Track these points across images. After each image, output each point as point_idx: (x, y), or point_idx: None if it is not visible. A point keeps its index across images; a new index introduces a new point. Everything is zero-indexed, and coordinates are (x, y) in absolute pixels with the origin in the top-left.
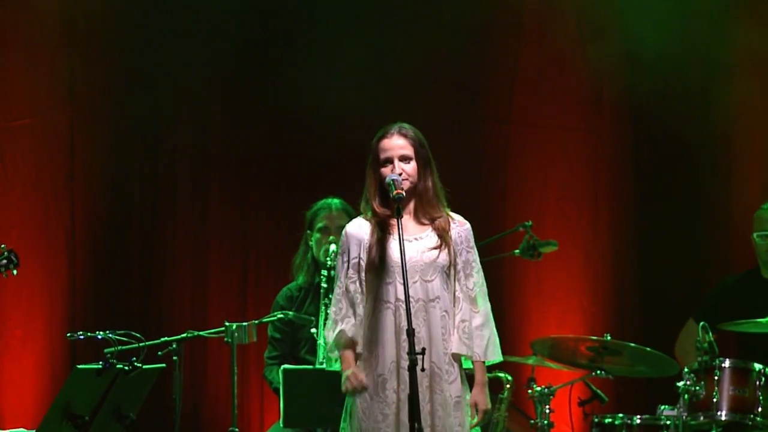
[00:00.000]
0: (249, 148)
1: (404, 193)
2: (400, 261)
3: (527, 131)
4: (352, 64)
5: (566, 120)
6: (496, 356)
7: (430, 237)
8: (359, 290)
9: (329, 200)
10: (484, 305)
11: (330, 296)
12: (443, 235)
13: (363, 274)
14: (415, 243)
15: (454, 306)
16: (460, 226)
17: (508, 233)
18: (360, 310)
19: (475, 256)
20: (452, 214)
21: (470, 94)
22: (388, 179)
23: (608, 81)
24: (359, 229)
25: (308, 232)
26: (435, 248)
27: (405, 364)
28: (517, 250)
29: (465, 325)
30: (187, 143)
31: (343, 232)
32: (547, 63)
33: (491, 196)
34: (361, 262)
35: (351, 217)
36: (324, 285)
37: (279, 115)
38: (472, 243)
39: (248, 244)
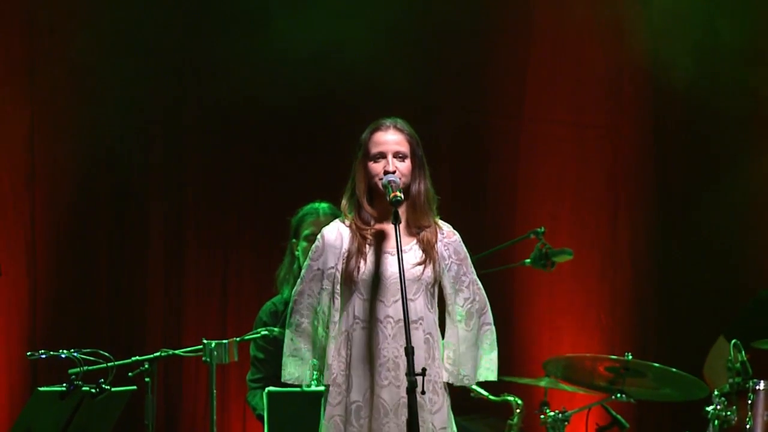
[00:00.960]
0: (227, 143)
1: (402, 196)
2: (386, 275)
3: (539, 128)
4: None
5: (582, 116)
6: (488, 374)
7: (414, 251)
8: (335, 305)
9: (316, 205)
10: (480, 322)
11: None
12: (428, 250)
13: (338, 287)
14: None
15: (439, 327)
16: (447, 238)
17: (517, 241)
18: (334, 329)
19: (466, 268)
20: (441, 223)
21: (476, 86)
22: (384, 180)
23: (629, 72)
24: (338, 234)
25: (294, 240)
26: (419, 264)
27: (380, 391)
28: (528, 260)
29: (452, 349)
30: (159, 139)
31: (319, 237)
32: (562, 53)
33: (499, 199)
34: (337, 273)
35: None
36: None
37: (256, 102)
38: (463, 254)
39: (229, 252)
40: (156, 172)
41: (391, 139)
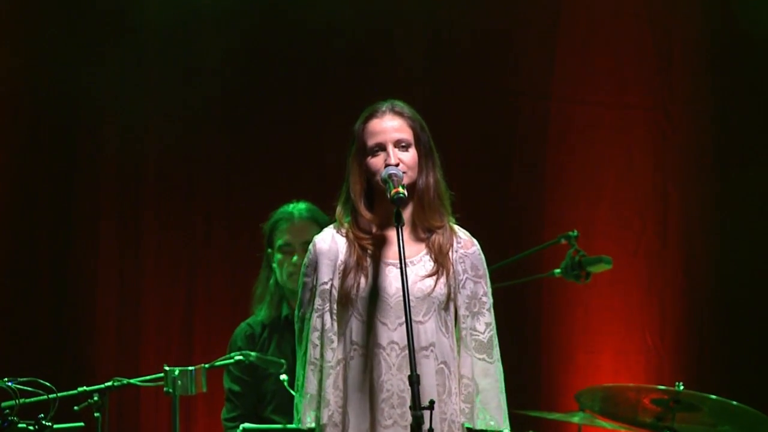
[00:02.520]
0: (192, 133)
1: (406, 193)
2: (390, 291)
3: (573, 110)
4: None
5: (624, 95)
6: (503, 424)
7: (424, 261)
8: (331, 328)
9: (291, 207)
10: (498, 355)
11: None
12: (441, 258)
13: (334, 306)
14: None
15: (455, 356)
16: (464, 249)
17: (546, 246)
18: (330, 357)
19: (486, 288)
20: (457, 228)
21: (499, 62)
22: (384, 173)
23: (680, 43)
24: (332, 244)
25: (269, 250)
26: (430, 275)
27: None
28: (558, 270)
29: (467, 383)
30: (112, 134)
31: (311, 248)
32: (598, 20)
33: (525, 196)
34: (333, 290)
35: (322, 227)
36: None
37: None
38: (483, 271)
39: (195, 263)
40: (107, 170)
41: (389, 125)
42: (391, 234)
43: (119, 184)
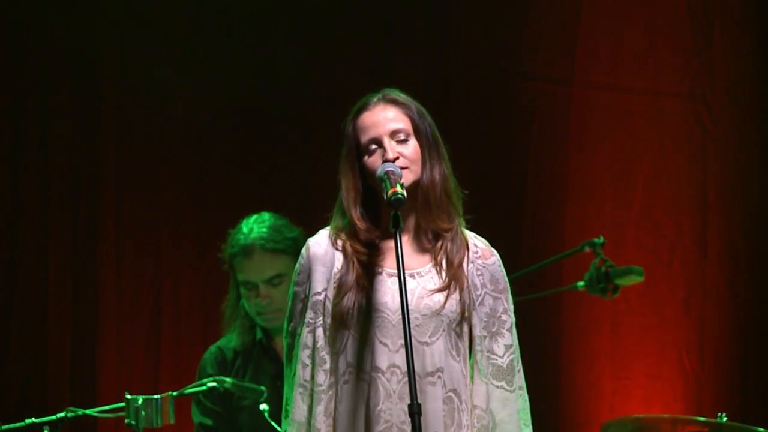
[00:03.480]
0: (156, 124)
1: (405, 193)
2: (392, 308)
3: (597, 97)
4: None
5: (657, 80)
6: None
7: (433, 272)
8: (324, 346)
9: (246, 232)
10: (521, 382)
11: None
12: (453, 270)
13: (327, 320)
14: (408, 281)
15: (468, 383)
16: (483, 259)
17: (566, 255)
18: (322, 379)
19: (507, 304)
20: (471, 234)
21: (513, 42)
22: (380, 171)
23: (721, 19)
24: (329, 248)
25: (232, 272)
26: (440, 290)
27: None
28: (582, 282)
29: (481, 414)
30: (64, 126)
31: (303, 252)
32: None
33: (543, 196)
34: (327, 301)
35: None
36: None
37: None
38: (504, 285)
39: (160, 275)
40: (58, 166)
41: (382, 116)
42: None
43: (73, 178)
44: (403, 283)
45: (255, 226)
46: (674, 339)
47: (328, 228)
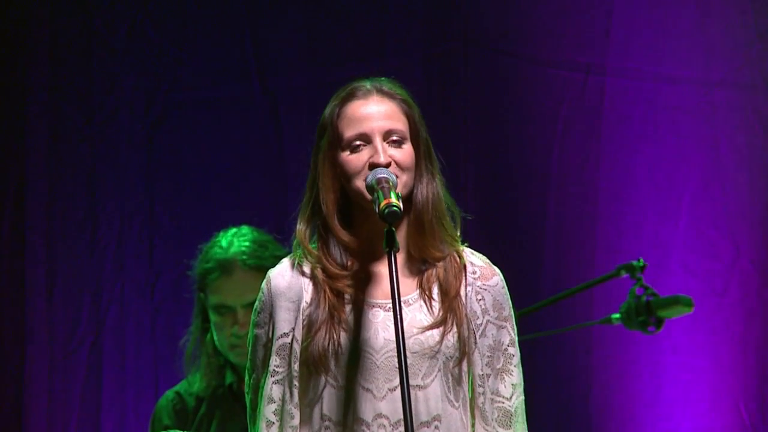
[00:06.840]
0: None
1: (402, 207)
2: (376, 346)
3: (635, 88)
4: None
5: (709, 69)
6: None
7: (420, 302)
8: (291, 399)
9: (225, 245)
10: (524, 427)
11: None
12: (449, 300)
13: (296, 368)
14: (391, 312)
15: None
16: (483, 280)
17: (599, 282)
18: None
19: (512, 334)
20: (467, 251)
21: (537, 26)
22: (370, 178)
23: None
24: (293, 280)
25: (201, 295)
26: (434, 326)
27: None
28: (618, 315)
29: None
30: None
31: (263, 286)
32: None
33: (568, 209)
34: (296, 344)
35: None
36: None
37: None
38: (508, 311)
39: (101, 304)
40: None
41: (375, 110)
42: (377, 264)
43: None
44: (399, 316)
45: (235, 239)
46: (729, 385)
47: (287, 260)
